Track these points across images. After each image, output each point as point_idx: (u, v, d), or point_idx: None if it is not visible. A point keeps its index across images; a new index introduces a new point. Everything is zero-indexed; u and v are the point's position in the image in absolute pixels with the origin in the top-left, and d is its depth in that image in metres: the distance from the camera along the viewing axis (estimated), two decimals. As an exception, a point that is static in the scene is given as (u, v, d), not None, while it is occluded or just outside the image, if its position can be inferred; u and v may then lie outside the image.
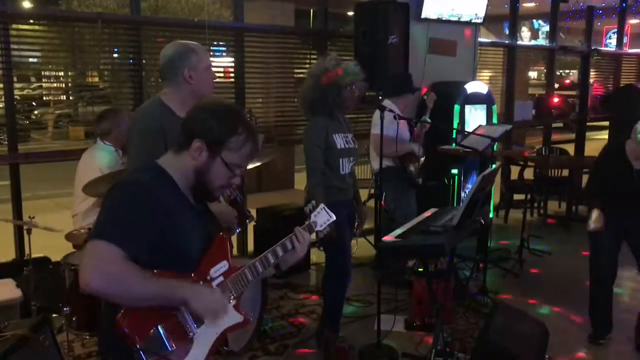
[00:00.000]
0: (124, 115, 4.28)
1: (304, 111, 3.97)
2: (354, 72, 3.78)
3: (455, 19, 6.27)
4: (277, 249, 2.04)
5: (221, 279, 1.88)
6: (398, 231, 3.33)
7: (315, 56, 6.15)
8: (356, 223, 4.01)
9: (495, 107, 6.38)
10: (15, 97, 4.73)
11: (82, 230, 3.77)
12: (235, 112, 1.93)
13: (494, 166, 4.44)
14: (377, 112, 4.93)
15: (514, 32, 8.12)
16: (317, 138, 3.75)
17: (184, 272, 1.80)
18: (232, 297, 1.90)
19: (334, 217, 2.24)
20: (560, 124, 15.28)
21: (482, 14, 6.45)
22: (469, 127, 5.87)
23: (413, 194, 5.10)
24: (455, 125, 5.85)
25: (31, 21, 5.22)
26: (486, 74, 8.37)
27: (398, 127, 4.27)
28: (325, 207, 2.21)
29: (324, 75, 3.75)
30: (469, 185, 5.86)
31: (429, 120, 5.14)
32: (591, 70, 9.25)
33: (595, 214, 4.03)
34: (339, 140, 3.79)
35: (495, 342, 3.22)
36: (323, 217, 2.20)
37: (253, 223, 5.36)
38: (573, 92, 15.13)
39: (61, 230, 3.70)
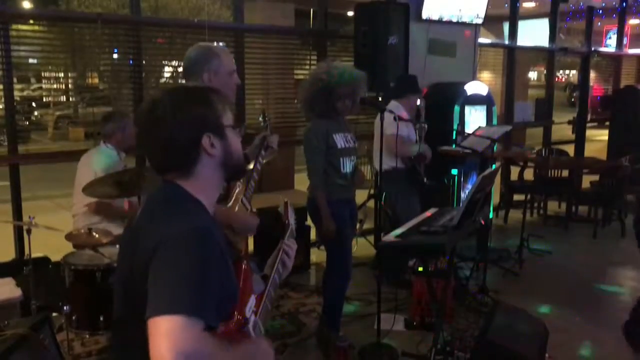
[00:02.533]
0: (130, 118, 4.30)
1: (303, 110, 4.01)
2: (349, 83, 3.79)
3: (456, 19, 6.27)
4: (279, 268, 1.96)
5: (254, 318, 1.71)
6: (398, 231, 3.34)
7: (315, 57, 6.15)
8: (358, 224, 4.02)
9: (495, 108, 6.38)
10: (15, 98, 4.73)
11: (82, 231, 3.77)
12: (187, 87, 1.73)
13: (494, 167, 4.44)
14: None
15: (514, 33, 8.12)
16: (317, 139, 3.79)
17: (229, 317, 1.62)
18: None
19: (293, 211, 2.19)
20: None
21: (482, 14, 6.45)
22: (469, 128, 5.88)
23: (418, 195, 5.11)
24: (455, 126, 5.85)
25: (31, 21, 5.23)
26: (486, 74, 8.39)
27: (398, 129, 4.25)
28: (289, 203, 2.16)
29: (319, 80, 3.79)
30: (469, 186, 5.86)
31: (425, 123, 5.13)
32: (591, 71, 9.26)
33: None
34: (339, 140, 3.83)
35: (495, 342, 3.22)
36: (292, 213, 2.13)
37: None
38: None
39: (61, 230, 3.70)
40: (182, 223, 1.47)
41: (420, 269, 4.40)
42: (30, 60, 5.41)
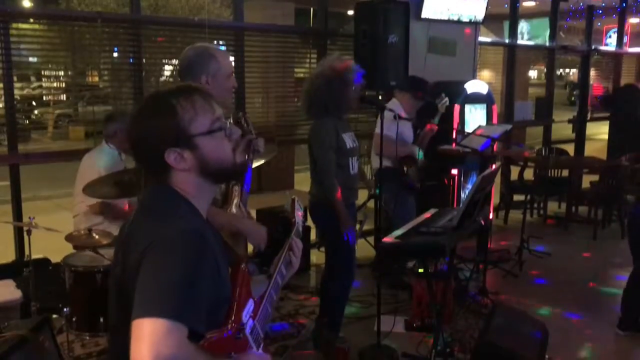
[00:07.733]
0: None
1: (311, 113, 3.85)
2: (356, 70, 3.78)
3: (455, 18, 6.26)
4: (282, 268, 1.87)
5: (251, 322, 1.65)
6: (398, 232, 3.33)
7: (315, 56, 6.15)
8: (358, 225, 4.00)
9: (495, 107, 6.37)
10: (15, 97, 4.72)
11: (82, 232, 3.76)
12: (156, 94, 1.59)
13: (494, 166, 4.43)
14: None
15: (514, 32, 8.12)
16: (328, 139, 3.69)
17: (222, 323, 1.57)
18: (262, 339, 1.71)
19: (302, 207, 2.12)
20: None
21: (482, 13, 6.44)
22: (469, 127, 5.87)
23: (412, 196, 5.09)
24: (454, 125, 5.84)
25: (31, 20, 5.22)
26: (486, 73, 8.39)
27: (398, 128, 4.23)
28: (296, 200, 2.07)
29: (333, 73, 3.72)
30: (469, 186, 5.85)
31: (436, 122, 5.13)
32: (591, 69, 9.25)
33: None
34: (348, 140, 3.78)
35: (495, 343, 3.22)
36: (298, 211, 2.06)
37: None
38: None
39: (62, 231, 3.69)
40: (173, 225, 1.46)
41: (421, 270, 4.39)
42: (30, 59, 5.40)
